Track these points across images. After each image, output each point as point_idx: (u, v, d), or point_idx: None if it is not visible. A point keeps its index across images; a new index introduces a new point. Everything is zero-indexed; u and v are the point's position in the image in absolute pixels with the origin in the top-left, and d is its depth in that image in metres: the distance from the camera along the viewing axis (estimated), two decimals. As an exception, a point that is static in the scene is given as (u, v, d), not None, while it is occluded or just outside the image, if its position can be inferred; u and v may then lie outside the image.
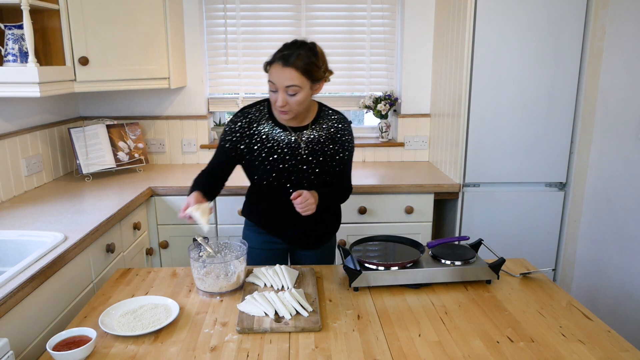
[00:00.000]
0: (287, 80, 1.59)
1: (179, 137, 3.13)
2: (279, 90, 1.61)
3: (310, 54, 1.61)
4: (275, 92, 1.63)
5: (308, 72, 1.60)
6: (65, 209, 2.12)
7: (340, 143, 1.79)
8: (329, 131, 1.78)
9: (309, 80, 1.62)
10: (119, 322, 1.33)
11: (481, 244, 1.72)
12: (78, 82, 2.41)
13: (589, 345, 1.25)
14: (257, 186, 1.82)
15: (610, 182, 2.42)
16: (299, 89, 1.60)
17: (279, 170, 1.73)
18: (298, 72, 1.58)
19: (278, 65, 1.59)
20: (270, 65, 1.63)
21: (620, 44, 2.34)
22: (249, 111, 1.76)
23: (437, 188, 2.62)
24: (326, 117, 1.80)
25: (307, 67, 1.59)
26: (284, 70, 1.58)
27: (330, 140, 1.78)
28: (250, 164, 1.77)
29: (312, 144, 1.75)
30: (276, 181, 1.74)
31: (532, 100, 2.54)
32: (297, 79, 1.59)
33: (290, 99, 1.61)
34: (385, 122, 3.17)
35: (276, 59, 1.61)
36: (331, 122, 1.79)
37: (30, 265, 1.50)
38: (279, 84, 1.60)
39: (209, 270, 1.50)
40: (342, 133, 1.80)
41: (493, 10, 2.44)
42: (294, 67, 1.58)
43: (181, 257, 2.63)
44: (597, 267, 2.52)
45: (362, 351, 1.23)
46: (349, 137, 1.82)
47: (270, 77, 1.62)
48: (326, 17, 3.07)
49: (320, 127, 1.77)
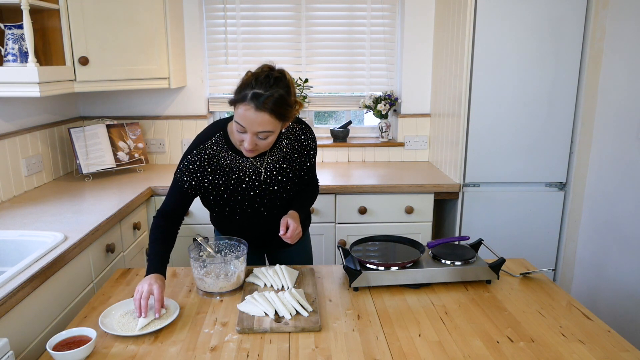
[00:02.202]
0: (259, 127, 1.42)
1: (179, 137, 3.13)
2: (247, 132, 1.44)
3: (284, 92, 1.42)
4: (243, 133, 1.46)
5: (281, 115, 1.43)
6: (65, 209, 2.12)
7: (306, 152, 1.69)
8: (293, 146, 1.66)
9: (281, 122, 1.47)
10: (119, 322, 1.33)
11: (481, 244, 1.72)
12: (78, 82, 2.41)
13: (589, 345, 1.25)
14: (230, 216, 1.70)
15: (610, 182, 2.42)
16: (271, 133, 1.46)
17: (250, 197, 1.64)
18: (271, 116, 1.41)
19: (250, 108, 1.39)
20: (239, 103, 1.42)
21: (620, 44, 2.34)
22: (205, 145, 1.59)
23: (437, 188, 2.62)
24: (286, 133, 1.66)
25: (281, 110, 1.42)
26: (256, 114, 1.40)
27: (297, 154, 1.67)
28: (218, 198, 1.64)
29: (277, 163, 1.65)
30: (250, 208, 1.66)
31: (532, 100, 2.54)
32: (269, 124, 1.42)
33: (260, 142, 1.47)
34: (385, 122, 3.17)
35: (247, 100, 1.40)
36: (293, 135, 1.67)
37: (30, 265, 1.50)
38: (250, 128, 1.42)
39: (209, 270, 1.50)
40: (306, 143, 1.68)
41: (493, 10, 2.44)
42: (267, 112, 1.40)
43: (181, 257, 2.63)
44: (597, 267, 2.52)
45: (362, 351, 1.23)
46: (312, 144, 1.70)
47: (238, 117, 1.43)
48: (326, 17, 3.07)
49: (282, 144, 1.65)
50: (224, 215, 1.70)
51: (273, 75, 1.42)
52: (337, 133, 3.17)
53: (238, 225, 1.74)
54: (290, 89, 1.47)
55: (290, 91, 1.46)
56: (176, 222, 1.66)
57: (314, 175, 1.81)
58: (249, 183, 1.63)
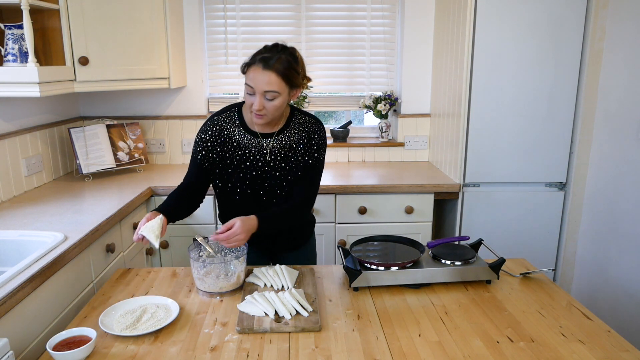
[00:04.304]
0: (266, 85, 1.52)
1: (179, 137, 3.13)
2: (256, 93, 1.54)
3: (291, 59, 1.56)
4: (252, 95, 1.56)
5: (287, 78, 1.54)
6: (65, 209, 2.12)
7: (311, 145, 1.71)
8: (300, 136, 1.70)
9: (288, 86, 1.56)
10: (119, 322, 1.33)
11: (481, 244, 1.72)
12: (78, 82, 2.41)
13: (589, 345, 1.25)
14: (230, 195, 1.74)
15: (610, 182, 2.42)
16: (278, 95, 1.54)
17: (251, 177, 1.69)
18: (278, 76, 1.52)
19: (257, 68, 1.53)
20: (249, 67, 1.56)
21: (620, 44, 2.34)
22: (219, 118, 1.70)
23: (437, 188, 2.62)
24: (297, 122, 1.72)
25: (287, 73, 1.54)
26: (263, 73, 1.52)
27: (302, 146, 1.70)
28: (223, 172, 1.71)
29: (283, 150, 1.69)
30: (249, 189, 1.70)
31: (532, 101, 2.54)
32: (276, 84, 1.53)
33: (268, 103, 1.55)
34: (385, 122, 3.17)
35: (256, 61, 1.54)
36: (303, 125, 1.72)
37: (30, 265, 1.50)
38: (258, 88, 1.53)
39: (209, 270, 1.50)
40: (314, 136, 1.71)
41: (493, 10, 2.44)
42: (274, 71, 1.52)
43: (181, 257, 2.63)
44: (597, 267, 2.52)
45: (362, 351, 1.22)
46: (320, 140, 1.72)
47: (248, 79, 1.55)
48: (326, 17, 3.07)
49: (291, 132, 1.70)
50: (227, 192, 1.75)
51: (281, 45, 1.59)
52: (337, 133, 3.17)
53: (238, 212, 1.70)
54: (298, 59, 1.60)
55: (297, 61, 1.59)
56: (193, 194, 1.74)
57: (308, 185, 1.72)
58: (252, 162, 1.69)
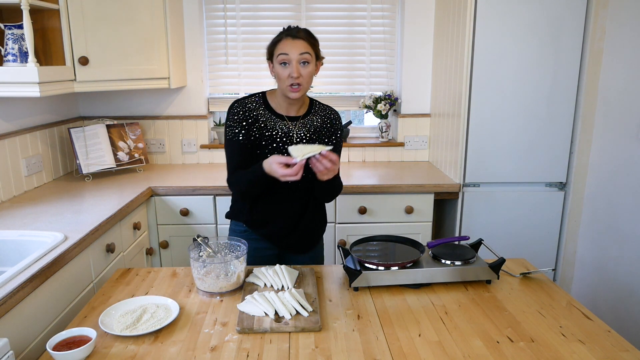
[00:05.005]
0: (301, 49, 1.65)
1: (179, 137, 3.13)
2: (292, 61, 1.64)
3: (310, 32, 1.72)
4: (286, 65, 1.65)
5: (313, 45, 1.69)
6: (65, 209, 2.12)
7: (333, 131, 1.84)
8: (323, 120, 1.82)
9: (314, 54, 1.70)
10: (119, 322, 1.33)
11: (481, 244, 1.72)
12: (78, 82, 2.41)
13: (589, 345, 1.25)
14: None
15: (610, 182, 2.42)
16: (310, 58, 1.67)
17: None
18: (306, 42, 1.67)
19: (287, 40, 1.66)
20: (276, 44, 1.68)
21: (620, 44, 2.34)
22: (245, 101, 1.77)
23: (437, 188, 2.62)
24: (319, 108, 1.85)
25: (312, 40, 1.69)
26: (294, 41, 1.65)
27: (326, 130, 1.82)
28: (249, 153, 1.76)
29: (308, 132, 1.78)
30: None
31: (532, 101, 2.54)
32: (307, 47, 1.67)
33: (303, 70, 1.66)
34: (385, 122, 3.17)
35: (283, 36, 1.67)
36: (324, 112, 1.85)
37: (30, 265, 1.50)
38: (293, 53, 1.64)
39: (209, 270, 1.50)
40: (336, 123, 1.86)
41: (493, 10, 2.44)
42: (303, 39, 1.66)
43: (181, 257, 2.63)
44: (597, 267, 2.52)
45: (362, 351, 1.23)
46: (340, 126, 1.87)
47: (281, 49, 1.65)
48: (326, 17, 3.07)
49: (314, 117, 1.81)
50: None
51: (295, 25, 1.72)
52: (337, 133, 3.16)
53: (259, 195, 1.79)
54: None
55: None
56: None
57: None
58: (279, 144, 1.75)
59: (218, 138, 3.17)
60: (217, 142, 3.19)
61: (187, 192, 2.55)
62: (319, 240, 1.98)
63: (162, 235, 2.60)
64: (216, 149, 3.14)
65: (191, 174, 2.85)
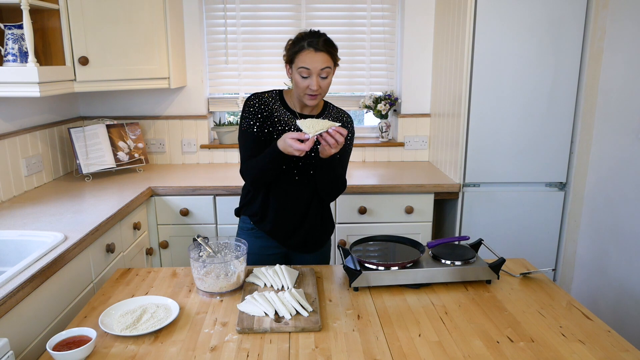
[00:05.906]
0: (322, 64, 1.67)
1: (179, 137, 3.13)
2: (313, 74, 1.67)
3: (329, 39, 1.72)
4: (307, 78, 1.68)
5: (333, 55, 1.71)
6: (65, 209, 2.12)
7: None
8: (335, 120, 1.84)
9: (333, 63, 1.72)
10: (119, 322, 1.33)
11: (481, 244, 1.72)
12: (78, 82, 2.41)
13: (589, 345, 1.25)
14: None
15: (610, 182, 2.42)
16: (330, 71, 1.70)
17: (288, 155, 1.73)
18: (327, 55, 1.68)
19: (310, 52, 1.66)
20: (298, 53, 1.68)
21: (620, 44, 2.34)
22: (261, 94, 1.80)
23: (437, 188, 2.62)
24: (332, 111, 1.88)
25: (332, 50, 1.71)
26: (317, 55, 1.66)
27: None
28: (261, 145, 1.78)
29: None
30: (285, 164, 1.76)
31: (532, 100, 2.54)
32: (328, 61, 1.69)
33: (322, 82, 1.69)
34: (385, 122, 3.17)
35: (305, 47, 1.67)
36: (337, 115, 1.88)
37: (30, 265, 1.50)
38: (314, 68, 1.66)
39: (209, 270, 1.50)
40: (346, 126, 1.86)
41: (493, 10, 2.44)
42: (324, 51, 1.67)
43: (181, 257, 2.63)
44: (597, 267, 2.52)
45: (362, 351, 1.23)
46: (352, 129, 1.89)
47: (302, 63, 1.67)
48: (326, 17, 3.07)
49: (327, 117, 1.83)
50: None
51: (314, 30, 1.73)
52: (337, 133, 3.16)
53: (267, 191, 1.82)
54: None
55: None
56: None
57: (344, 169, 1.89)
58: None
59: (218, 138, 3.17)
60: (217, 142, 3.19)
61: (187, 192, 2.55)
62: (326, 241, 1.98)
63: (162, 235, 2.60)
64: (216, 149, 3.14)
65: (191, 174, 2.86)
